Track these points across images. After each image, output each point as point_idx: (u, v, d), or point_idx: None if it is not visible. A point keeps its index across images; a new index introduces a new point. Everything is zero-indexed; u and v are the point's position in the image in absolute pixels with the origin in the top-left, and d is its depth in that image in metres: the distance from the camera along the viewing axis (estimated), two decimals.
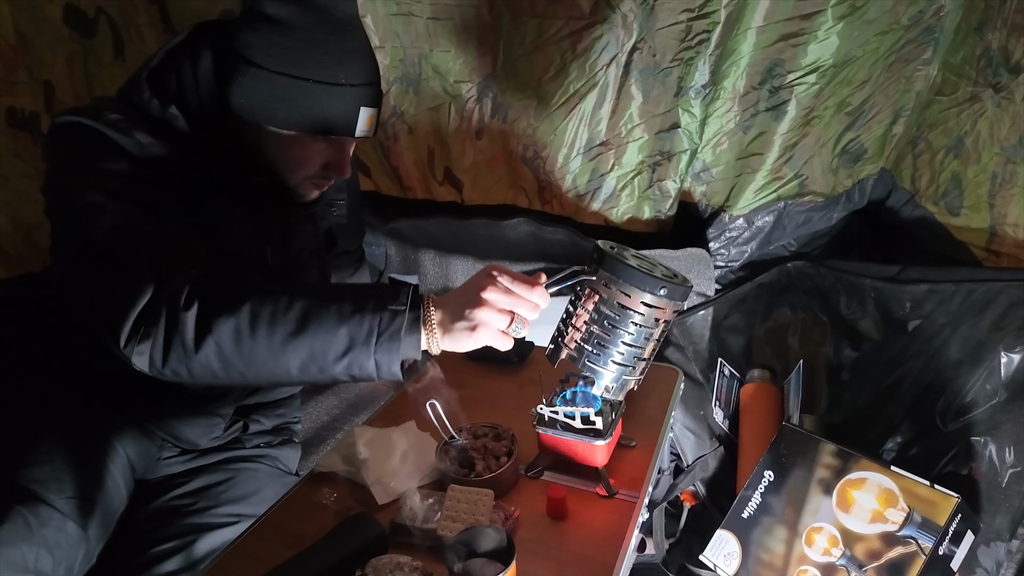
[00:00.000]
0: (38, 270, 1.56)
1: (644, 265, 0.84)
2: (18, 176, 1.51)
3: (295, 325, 0.78)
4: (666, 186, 1.52)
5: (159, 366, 0.80)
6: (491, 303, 0.79)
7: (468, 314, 0.79)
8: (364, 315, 0.78)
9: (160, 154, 0.92)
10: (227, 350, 0.78)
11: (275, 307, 0.78)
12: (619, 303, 0.82)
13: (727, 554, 1.04)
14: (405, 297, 0.80)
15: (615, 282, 0.82)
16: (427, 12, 1.49)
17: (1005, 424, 1.02)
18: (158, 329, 0.78)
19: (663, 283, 0.80)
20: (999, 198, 1.20)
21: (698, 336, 1.49)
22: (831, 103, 1.39)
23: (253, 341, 0.78)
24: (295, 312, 0.78)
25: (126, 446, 1.03)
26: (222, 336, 0.77)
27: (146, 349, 0.78)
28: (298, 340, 0.78)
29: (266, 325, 0.77)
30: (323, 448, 1.30)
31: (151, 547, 0.97)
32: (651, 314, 0.82)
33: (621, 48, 1.41)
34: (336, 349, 0.78)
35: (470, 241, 1.68)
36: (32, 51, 1.45)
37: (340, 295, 0.80)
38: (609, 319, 0.82)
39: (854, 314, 1.34)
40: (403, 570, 0.72)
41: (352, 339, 0.78)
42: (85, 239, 0.84)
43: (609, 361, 0.84)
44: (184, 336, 0.77)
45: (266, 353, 0.78)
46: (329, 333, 0.78)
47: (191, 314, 0.77)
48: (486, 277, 0.80)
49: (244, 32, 0.92)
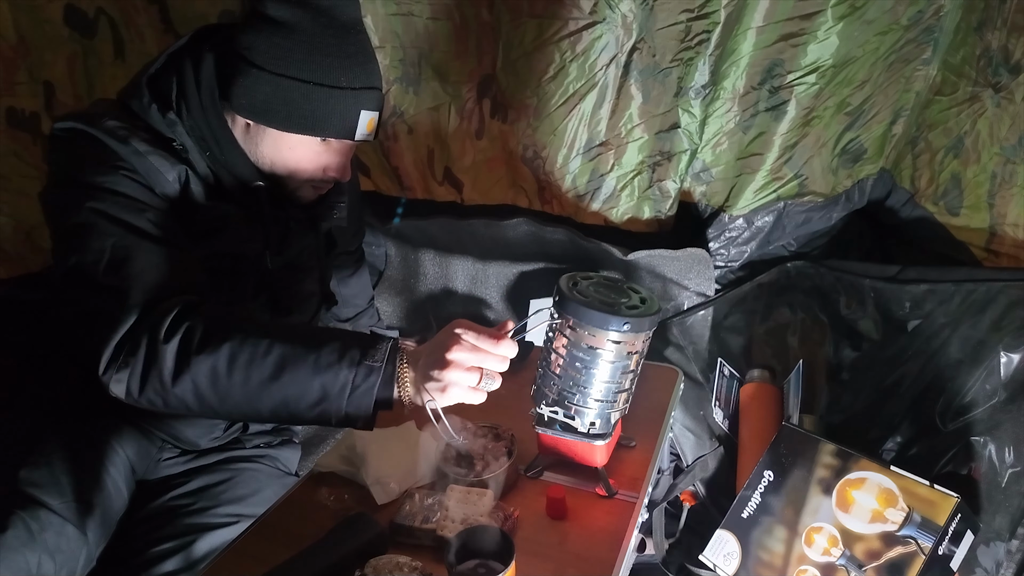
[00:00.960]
0: (38, 270, 1.56)
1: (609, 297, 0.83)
2: (18, 176, 1.51)
3: (271, 371, 0.78)
4: (666, 186, 1.52)
5: (135, 395, 0.81)
6: (458, 363, 0.78)
7: (437, 375, 0.78)
8: (340, 368, 0.78)
9: (158, 162, 0.92)
10: (203, 388, 0.79)
11: (254, 350, 0.79)
12: (586, 344, 0.82)
13: (727, 554, 1.04)
14: (383, 354, 0.80)
15: (579, 324, 0.82)
16: (427, 12, 1.49)
17: (1005, 424, 1.02)
18: (137, 359, 0.79)
19: (625, 319, 0.79)
20: (999, 198, 1.20)
21: (698, 336, 1.49)
22: (831, 103, 1.39)
23: (229, 382, 0.78)
24: (273, 358, 0.78)
25: (126, 447, 1.03)
26: (199, 375, 0.78)
27: (124, 377, 0.80)
28: (273, 386, 0.78)
29: (243, 368, 0.78)
30: (323, 448, 1.30)
31: (151, 547, 0.97)
32: (620, 349, 0.82)
33: (621, 48, 1.41)
34: (309, 399, 0.79)
35: (470, 241, 1.68)
36: (32, 51, 1.45)
37: (320, 343, 0.80)
38: (581, 360, 0.82)
39: (854, 314, 1.34)
40: (403, 570, 0.72)
41: (326, 391, 0.78)
42: (75, 261, 0.85)
43: (589, 399, 0.84)
44: (162, 369, 0.78)
45: (240, 395, 0.79)
46: (304, 383, 0.78)
47: (171, 347, 0.78)
48: (451, 336, 0.79)
49: (247, 34, 0.93)
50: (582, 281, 0.86)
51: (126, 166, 0.90)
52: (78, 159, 0.90)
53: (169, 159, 0.93)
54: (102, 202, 0.87)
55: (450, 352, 0.78)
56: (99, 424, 1.02)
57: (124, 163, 0.90)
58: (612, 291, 0.85)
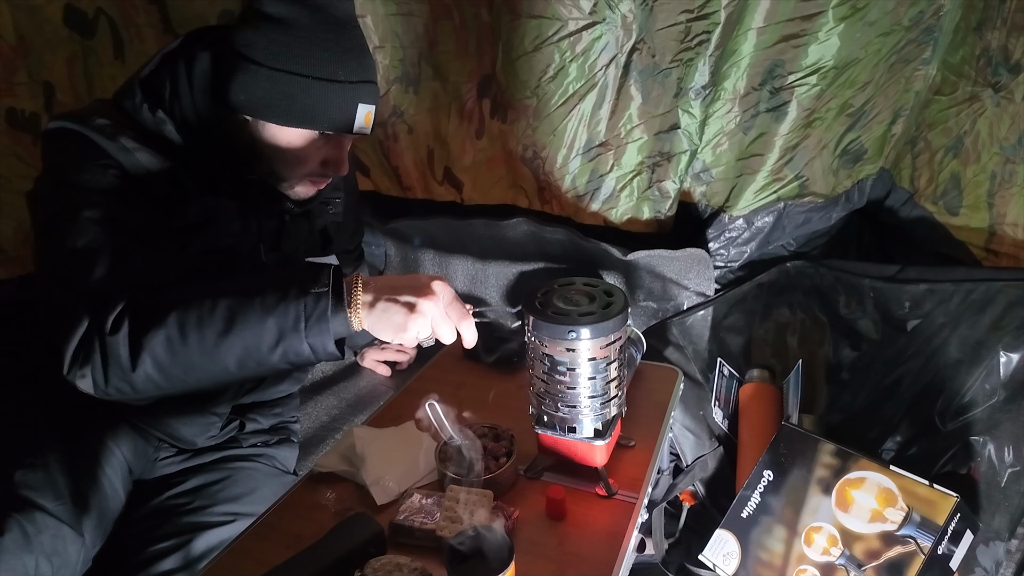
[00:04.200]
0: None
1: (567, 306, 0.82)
2: (18, 177, 1.51)
3: (223, 324, 0.80)
4: (665, 187, 1.52)
5: (103, 387, 0.83)
6: (423, 313, 0.80)
7: (396, 310, 0.80)
8: (288, 303, 0.80)
9: (145, 159, 0.94)
10: (163, 361, 0.81)
11: (200, 311, 0.80)
12: (544, 352, 0.83)
13: (726, 554, 1.04)
14: (326, 279, 0.81)
15: (536, 334, 0.82)
16: (427, 12, 1.49)
17: (1004, 423, 1.02)
18: (95, 354, 0.81)
19: (571, 328, 0.79)
20: (998, 197, 1.20)
21: (697, 336, 1.49)
22: (833, 105, 1.39)
23: (185, 348, 0.80)
24: (220, 312, 0.80)
25: (122, 447, 1.03)
26: (155, 349, 0.80)
27: (88, 373, 0.82)
28: (229, 338, 0.80)
29: (195, 329, 0.80)
30: (322, 448, 1.30)
31: (148, 546, 0.96)
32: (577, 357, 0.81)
33: (620, 49, 1.41)
34: (268, 340, 0.80)
35: (470, 241, 1.68)
36: (32, 52, 1.45)
37: (262, 287, 0.82)
38: (547, 368, 0.83)
39: (853, 314, 1.34)
40: (402, 571, 0.72)
41: (281, 328, 0.80)
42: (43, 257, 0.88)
43: (562, 406, 0.85)
44: (119, 358, 0.80)
45: (200, 357, 0.81)
46: (257, 326, 0.80)
47: (121, 336, 0.80)
48: (428, 287, 0.81)
49: (244, 31, 0.94)
50: (559, 289, 0.87)
51: (112, 163, 0.92)
52: (66, 157, 0.92)
53: (157, 156, 0.95)
54: (80, 200, 0.88)
55: (423, 300, 0.80)
56: (95, 424, 1.02)
57: (111, 160, 0.92)
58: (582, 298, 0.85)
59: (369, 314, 0.82)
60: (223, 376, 0.84)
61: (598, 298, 0.85)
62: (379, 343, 1.57)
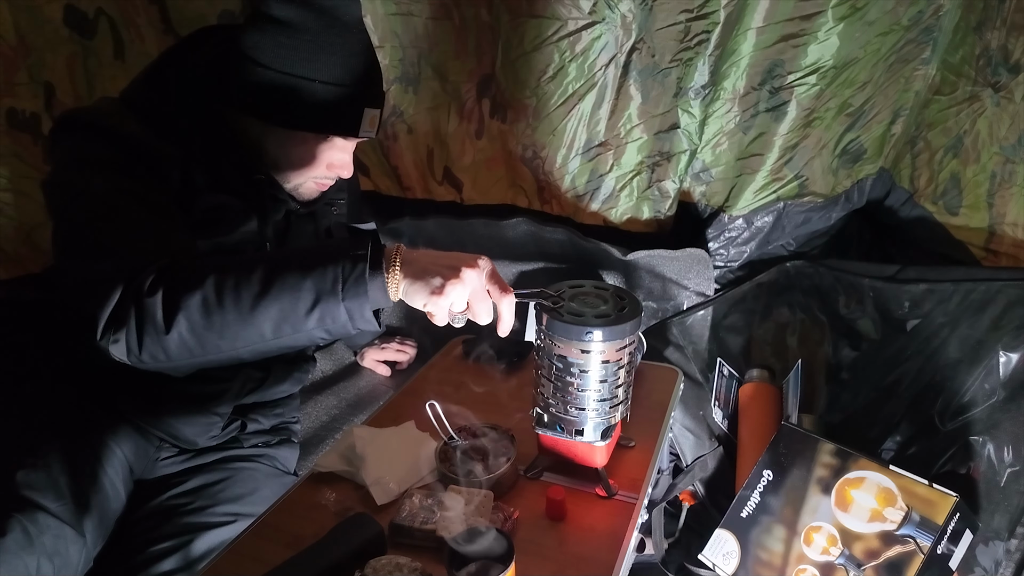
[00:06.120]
0: (38, 271, 1.56)
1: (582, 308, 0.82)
2: (18, 177, 1.51)
3: (260, 286, 0.78)
4: (665, 186, 1.52)
5: (137, 352, 0.81)
6: (465, 283, 0.77)
7: (438, 279, 0.77)
8: (327, 265, 0.78)
9: (155, 149, 0.94)
10: (198, 323, 0.79)
11: (238, 274, 0.79)
12: (558, 354, 0.82)
13: (726, 553, 1.04)
14: (365, 243, 0.80)
15: (550, 335, 0.82)
16: (427, 12, 1.49)
17: (1004, 423, 1.02)
18: (130, 318, 0.79)
19: (588, 329, 0.79)
20: (998, 197, 1.20)
21: (697, 336, 1.49)
22: (832, 104, 1.39)
23: (221, 309, 0.78)
24: (258, 274, 0.79)
25: (123, 447, 1.03)
26: (191, 310, 0.78)
27: (122, 337, 0.80)
28: (266, 300, 0.78)
29: (232, 291, 0.78)
30: (322, 448, 1.30)
31: (148, 546, 0.97)
32: (590, 359, 0.81)
33: (620, 48, 1.41)
34: (305, 303, 0.78)
35: (469, 241, 1.68)
36: (32, 52, 1.45)
37: (301, 252, 0.81)
38: (559, 369, 0.83)
39: (853, 314, 1.34)
40: (402, 571, 0.72)
41: (318, 291, 0.78)
42: (66, 231, 0.88)
43: (571, 407, 0.85)
44: (155, 318, 0.79)
45: (236, 319, 0.79)
46: (295, 288, 0.78)
47: (157, 298, 0.79)
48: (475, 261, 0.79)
49: (251, 34, 0.94)
50: (569, 291, 0.87)
51: (123, 144, 0.92)
52: (82, 141, 0.93)
53: (165, 153, 0.95)
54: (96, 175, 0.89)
55: (467, 270, 0.77)
56: (96, 424, 1.02)
57: (122, 143, 0.92)
58: (596, 300, 0.85)
59: (406, 280, 0.79)
60: (258, 343, 0.81)
61: (611, 301, 0.85)
62: (379, 343, 1.57)
